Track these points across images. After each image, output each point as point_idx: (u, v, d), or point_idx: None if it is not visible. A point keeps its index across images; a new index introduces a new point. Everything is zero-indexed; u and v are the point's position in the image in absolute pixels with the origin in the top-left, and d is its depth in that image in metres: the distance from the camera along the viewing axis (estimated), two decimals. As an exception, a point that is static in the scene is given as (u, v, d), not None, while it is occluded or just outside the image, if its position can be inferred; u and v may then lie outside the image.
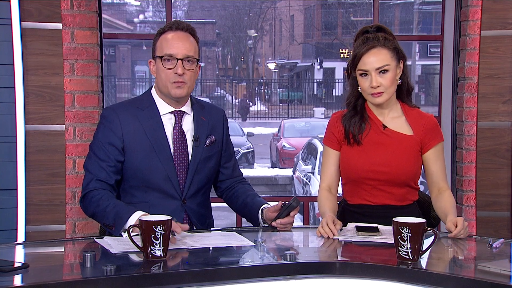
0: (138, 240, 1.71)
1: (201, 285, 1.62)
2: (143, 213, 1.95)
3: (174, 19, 2.29)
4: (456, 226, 2.01)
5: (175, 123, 2.23)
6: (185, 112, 2.25)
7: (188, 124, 2.26)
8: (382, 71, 2.17)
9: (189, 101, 2.28)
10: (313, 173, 8.59)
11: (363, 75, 2.20)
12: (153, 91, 2.26)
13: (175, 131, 2.22)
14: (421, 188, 2.44)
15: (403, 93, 2.29)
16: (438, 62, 3.71)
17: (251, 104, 24.13)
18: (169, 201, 2.20)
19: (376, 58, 2.17)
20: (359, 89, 2.25)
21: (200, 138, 2.24)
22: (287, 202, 2.12)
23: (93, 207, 2.08)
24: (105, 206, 2.04)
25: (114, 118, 2.18)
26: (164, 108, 2.23)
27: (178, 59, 2.15)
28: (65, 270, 1.70)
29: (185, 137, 2.23)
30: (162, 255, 1.69)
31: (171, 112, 2.23)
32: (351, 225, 2.14)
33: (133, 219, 1.94)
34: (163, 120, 2.22)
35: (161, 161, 2.17)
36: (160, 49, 2.19)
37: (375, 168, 2.22)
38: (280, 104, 25.00)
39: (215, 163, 2.31)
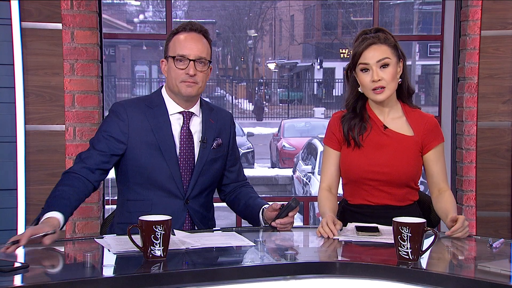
0: (138, 240, 1.71)
1: (201, 285, 1.62)
2: (55, 216, 1.87)
3: (188, 20, 2.30)
4: (456, 223, 2.01)
5: (183, 123, 2.23)
6: (193, 113, 2.26)
7: (196, 125, 2.26)
8: (383, 65, 2.18)
9: (198, 102, 2.28)
10: (313, 173, 8.60)
11: (364, 70, 2.20)
12: (163, 91, 2.28)
13: (182, 131, 2.22)
14: (421, 188, 2.44)
15: (403, 94, 2.29)
16: (438, 62, 3.71)
17: (266, 104, 24.18)
18: (172, 200, 2.20)
19: (376, 53, 2.18)
20: (359, 89, 2.25)
21: (208, 140, 2.25)
22: (286, 203, 2.12)
23: None
24: (52, 192, 2.02)
25: (123, 113, 2.19)
26: (173, 107, 2.24)
27: (190, 60, 2.17)
28: (65, 270, 1.69)
29: (192, 138, 2.24)
30: (162, 255, 1.69)
31: (179, 113, 2.24)
32: (351, 225, 2.14)
33: (46, 216, 1.88)
34: (171, 119, 2.23)
35: (166, 160, 2.18)
36: (172, 49, 2.20)
37: (375, 169, 2.22)
38: (280, 104, 24.99)
39: (220, 165, 2.31)
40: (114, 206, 2.39)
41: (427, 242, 1.74)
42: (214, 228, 2.24)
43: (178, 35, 2.22)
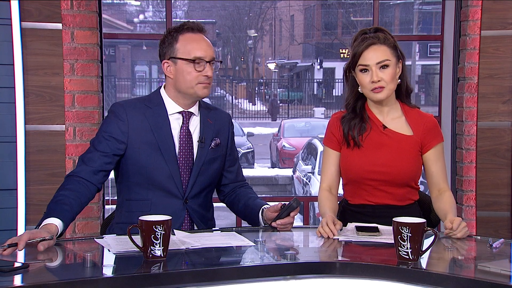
0: (138, 240, 1.71)
1: (201, 285, 1.62)
2: (54, 222, 1.88)
3: (187, 20, 2.30)
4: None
5: (182, 123, 2.24)
6: (192, 113, 2.26)
7: (194, 125, 2.26)
8: (383, 66, 2.18)
9: (197, 102, 2.29)
10: (313, 173, 8.60)
11: (363, 70, 2.20)
12: (162, 91, 2.27)
13: (182, 131, 2.23)
14: (421, 188, 2.44)
15: (402, 93, 2.29)
16: (438, 62, 3.71)
17: (280, 104, 24.19)
18: (171, 200, 2.20)
19: (376, 54, 2.18)
20: (358, 89, 2.25)
21: (206, 139, 2.25)
22: (287, 203, 2.12)
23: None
24: (53, 196, 2.02)
25: (122, 113, 2.19)
26: (172, 107, 2.24)
27: (206, 62, 2.18)
28: (65, 270, 1.70)
29: (192, 137, 2.24)
30: (162, 255, 1.69)
31: (179, 112, 2.24)
32: (351, 225, 2.14)
33: (45, 222, 1.89)
34: (170, 119, 2.23)
35: (165, 159, 2.18)
36: (185, 51, 2.18)
37: (375, 169, 2.22)
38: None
39: (219, 165, 2.31)
40: (114, 206, 2.39)
41: (427, 242, 1.74)
42: (213, 228, 2.24)
43: (187, 36, 2.20)
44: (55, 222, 1.89)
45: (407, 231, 1.68)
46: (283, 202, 2.14)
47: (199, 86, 2.19)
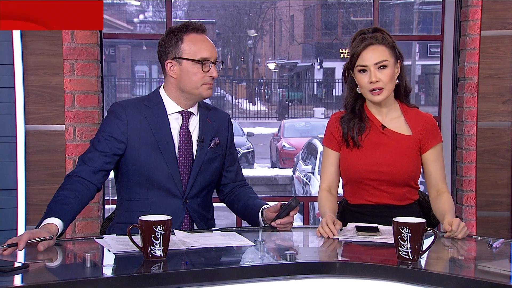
0: (138, 240, 1.71)
1: (201, 285, 1.62)
2: (54, 222, 1.88)
3: (187, 20, 2.30)
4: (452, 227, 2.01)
5: (182, 123, 2.24)
6: (192, 113, 2.26)
7: (193, 125, 2.27)
8: (381, 66, 2.18)
9: (197, 102, 2.29)
10: (313, 173, 8.60)
11: (362, 71, 2.20)
12: (161, 91, 2.27)
13: (181, 131, 2.23)
14: (421, 188, 2.44)
15: (401, 94, 2.29)
16: (438, 62, 3.71)
17: (289, 104, 24.16)
18: (171, 199, 2.20)
19: (374, 54, 2.18)
20: (357, 89, 2.25)
21: (205, 139, 2.25)
22: (286, 203, 2.12)
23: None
24: (54, 196, 2.02)
25: (121, 113, 2.20)
26: (171, 107, 2.24)
27: (212, 62, 2.19)
28: (65, 270, 1.70)
29: (191, 137, 2.24)
30: (162, 255, 1.69)
31: (178, 112, 2.24)
32: (351, 225, 2.14)
33: (45, 222, 1.89)
34: (170, 119, 2.23)
35: (165, 159, 2.18)
36: (191, 52, 2.18)
37: (375, 169, 2.22)
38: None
39: (218, 165, 2.31)
40: (114, 206, 2.39)
41: (427, 242, 1.74)
42: (213, 228, 2.24)
43: (192, 36, 2.20)
44: (55, 222, 1.89)
45: (407, 231, 1.68)
46: (282, 202, 2.15)
47: (204, 86, 2.20)
